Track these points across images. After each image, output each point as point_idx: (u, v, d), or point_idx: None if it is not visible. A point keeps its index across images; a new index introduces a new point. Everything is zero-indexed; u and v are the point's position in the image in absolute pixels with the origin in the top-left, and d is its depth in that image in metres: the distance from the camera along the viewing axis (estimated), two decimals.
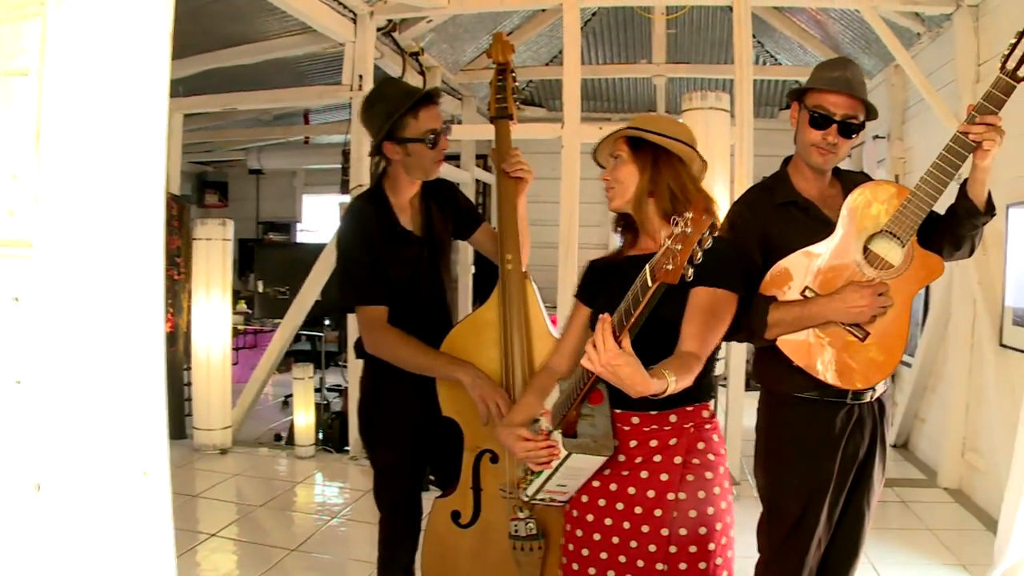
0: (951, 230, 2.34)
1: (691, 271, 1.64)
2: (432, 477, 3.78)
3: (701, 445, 2.11)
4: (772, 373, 2.47)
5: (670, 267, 1.64)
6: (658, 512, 2.04)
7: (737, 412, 5.14)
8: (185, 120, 6.86)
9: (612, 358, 1.75)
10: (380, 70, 6.22)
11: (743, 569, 2.76)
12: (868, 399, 2.41)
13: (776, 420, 2.50)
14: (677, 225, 1.64)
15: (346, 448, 5.98)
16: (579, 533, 2.14)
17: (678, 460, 2.07)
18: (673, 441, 2.08)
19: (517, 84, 2.81)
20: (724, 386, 5.36)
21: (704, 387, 2.14)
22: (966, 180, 2.28)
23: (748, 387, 4.99)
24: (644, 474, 2.08)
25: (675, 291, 1.99)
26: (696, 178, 2.19)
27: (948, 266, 4.67)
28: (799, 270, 2.37)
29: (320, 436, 6.14)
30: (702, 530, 2.05)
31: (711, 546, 2.05)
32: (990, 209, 2.29)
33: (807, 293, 2.34)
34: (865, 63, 7.02)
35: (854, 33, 6.66)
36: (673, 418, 2.09)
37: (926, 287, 5.74)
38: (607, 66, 8.35)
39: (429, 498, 2.73)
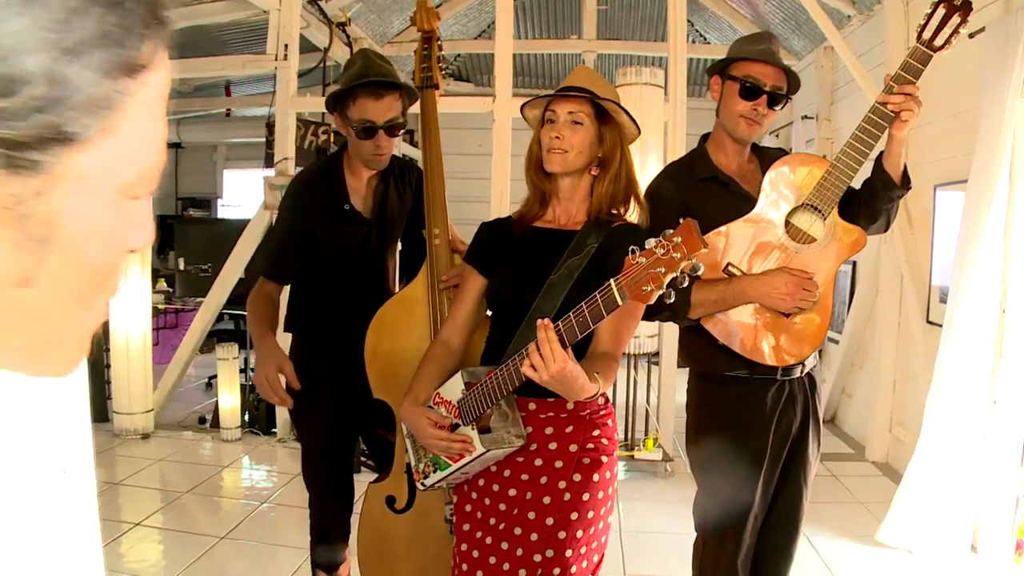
0: (867, 203, 2.35)
1: (673, 294, 1.60)
2: (363, 458, 3.70)
3: (596, 432, 2.07)
4: (700, 353, 2.45)
5: (648, 288, 1.59)
6: (547, 500, 2.00)
7: (669, 390, 5.18)
8: None
9: (563, 368, 1.71)
10: (306, 40, 6.04)
11: (680, 546, 2.77)
12: (798, 374, 2.42)
13: (707, 399, 2.48)
14: (661, 246, 1.58)
15: (273, 430, 5.86)
16: (479, 515, 2.10)
17: (573, 448, 2.03)
18: (569, 429, 2.04)
19: (443, 53, 2.73)
20: (656, 364, 5.38)
21: None
22: (882, 153, 2.29)
23: (680, 364, 5.02)
24: (538, 462, 2.03)
25: (588, 277, 1.96)
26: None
27: (875, 244, 4.78)
28: (721, 246, 2.35)
29: (246, 418, 6.00)
30: (590, 513, 2.02)
31: (592, 530, 2.04)
32: (906, 182, 2.30)
33: (731, 269, 2.33)
34: (795, 44, 7.11)
35: (784, 14, 6.72)
36: (570, 405, 2.03)
37: (853, 265, 5.89)
38: (537, 41, 8.31)
39: (365, 480, 2.66)
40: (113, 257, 0.50)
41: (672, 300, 1.62)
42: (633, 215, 2.16)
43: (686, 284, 1.59)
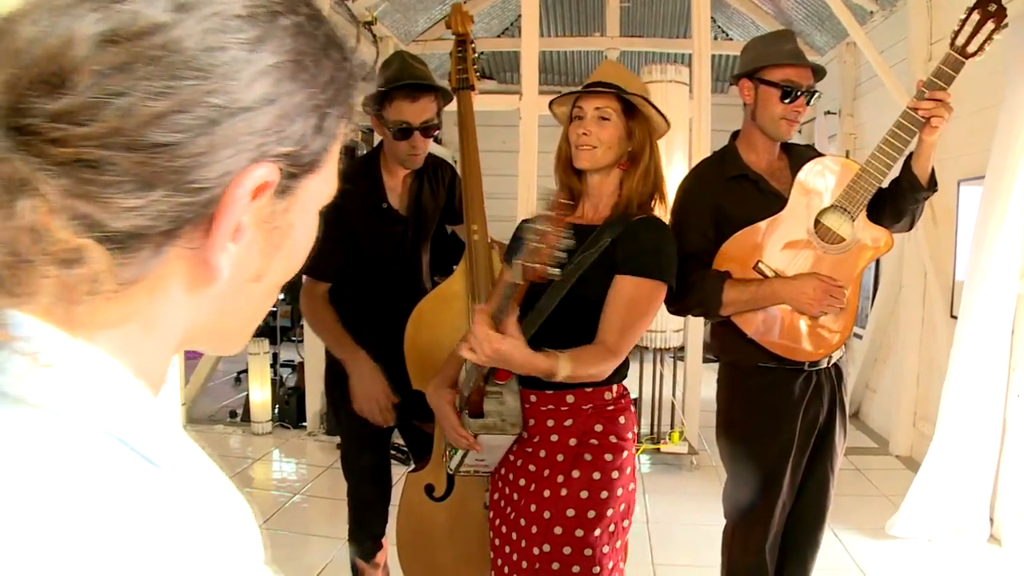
0: (893, 203, 2.40)
1: (557, 271, 1.61)
2: (394, 450, 3.78)
3: (599, 427, 2.04)
4: (731, 345, 2.51)
5: (536, 265, 1.62)
6: (546, 493, 2.02)
7: (695, 384, 5.24)
8: None
9: (496, 349, 1.75)
10: None
11: (707, 537, 2.83)
12: (825, 365, 2.48)
13: (737, 390, 2.55)
14: (541, 225, 1.60)
15: (303, 424, 5.92)
16: (502, 503, 2.16)
17: (572, 442, 2.03)
18: (568, 422, 2.04)
19: (476, 55, 2.78)
20: (682, 359, 5.43)
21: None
22: (911, 155, 2.34)
23: (710, 356, 5.07)
24: (542, 453, 2.06)
25: (598, 270, 1.96)
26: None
27: (899, 240, 4.81)
28: (752, 244, 2.41)
29: (276, 412, 6.06)
30: (591, 513, 1.98)
31: (597, 531, 1.99)
32: (932, 184, 2.35)
33: (761, 267, 2.38)
34: (817, 40, 7.11)
35: (807, 9, 6.73)
36: (570, 399, 2.04)
37: (877, 261, 5.91)
38: (561, 38, 8.35)
39: (394, 472, 2.73)
40: (304, 258, 0.62)
41: (560, 279, 1.66)
42: (657, 210, 2.14)
43: (564, 260, 1.62)
